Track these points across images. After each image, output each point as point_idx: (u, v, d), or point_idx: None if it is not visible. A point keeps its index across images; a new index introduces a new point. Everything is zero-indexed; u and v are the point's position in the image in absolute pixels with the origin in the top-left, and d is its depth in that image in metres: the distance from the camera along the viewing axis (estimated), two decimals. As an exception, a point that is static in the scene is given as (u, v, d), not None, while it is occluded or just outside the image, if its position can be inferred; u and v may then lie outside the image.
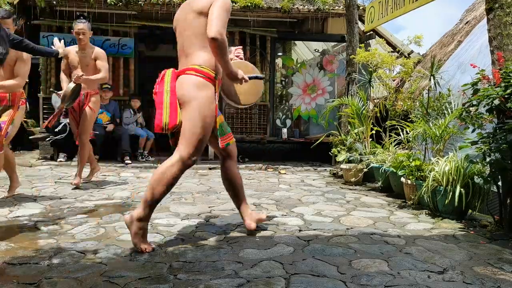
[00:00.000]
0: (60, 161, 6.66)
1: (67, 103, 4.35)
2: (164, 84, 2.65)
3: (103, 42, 7.53)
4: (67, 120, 4.88)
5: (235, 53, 3.20)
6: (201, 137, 2.60)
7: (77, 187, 4.53)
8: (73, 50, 4.63)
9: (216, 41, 2.56)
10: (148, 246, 2.51)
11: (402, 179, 4.08)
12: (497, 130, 2.93)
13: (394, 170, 4.20)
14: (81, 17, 4.64)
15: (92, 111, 4.66)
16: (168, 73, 2.70)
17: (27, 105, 4.20)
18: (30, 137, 7.25)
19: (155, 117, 2.60)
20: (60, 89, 4.57)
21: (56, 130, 5.44)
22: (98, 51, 4.65)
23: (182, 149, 2.58)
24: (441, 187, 3.41)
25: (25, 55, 3.90)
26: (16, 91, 3.85)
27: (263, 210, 3.69)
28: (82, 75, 4.38)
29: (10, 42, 3.15)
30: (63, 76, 4.70)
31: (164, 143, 9.51)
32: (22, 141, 7.76)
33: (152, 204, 2.57)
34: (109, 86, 7.23)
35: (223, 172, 2.98)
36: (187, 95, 2.60)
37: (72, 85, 4.30)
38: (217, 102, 2.74)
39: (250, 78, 2.92)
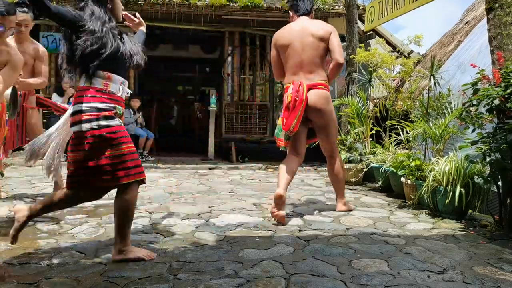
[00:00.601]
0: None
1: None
2: (303, 94, 3.32)
3: (103, 42, 7.53)
4: None
5: None
6: None
7: None
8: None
9: (341, 66, 3.45)
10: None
11: (402, 179, 4.08)
12: (497, 130, 2.93)
13: (394, 170, 4.20)
14: (23, 5, 3.56)
15: (34, 109, 3.97)
16: (304, 85, 3.36)
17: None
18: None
19: (288, 120, 3.35)
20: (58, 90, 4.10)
21: None
22: (40, 49, 3.81)
23: (335, 149, 3.62)
24: (441, 187, 3.41)
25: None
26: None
27: (263, 210, 3.69)
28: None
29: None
30: None
31: (163, 143, 9.54)
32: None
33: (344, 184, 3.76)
34: None
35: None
36: (328, 108, 3.45)
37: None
38: None
39: None
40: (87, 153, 2.24)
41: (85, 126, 2.22)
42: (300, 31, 3.45)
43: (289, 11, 3.68)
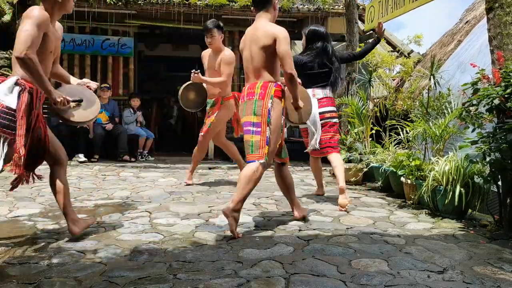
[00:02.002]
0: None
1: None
2: None
3: (103, 41, 7.52)
4: None
5: None
6: None
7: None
8: None
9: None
10: None
11: (402, 178, 4.07)
12: (497, 130, 2.93)
13: (394, 170, 4.20)
14: None
15: None
16: None
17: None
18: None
19: None
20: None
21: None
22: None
23: None
24: (441, 186, 3.41)
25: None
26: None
27: (263, 209, 3.69)
28: None
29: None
30: None
31: (163, 143, 9.52)
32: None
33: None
34: (108, 85, 7.23)
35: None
36: None
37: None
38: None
39: None
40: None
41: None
42: None
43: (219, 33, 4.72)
